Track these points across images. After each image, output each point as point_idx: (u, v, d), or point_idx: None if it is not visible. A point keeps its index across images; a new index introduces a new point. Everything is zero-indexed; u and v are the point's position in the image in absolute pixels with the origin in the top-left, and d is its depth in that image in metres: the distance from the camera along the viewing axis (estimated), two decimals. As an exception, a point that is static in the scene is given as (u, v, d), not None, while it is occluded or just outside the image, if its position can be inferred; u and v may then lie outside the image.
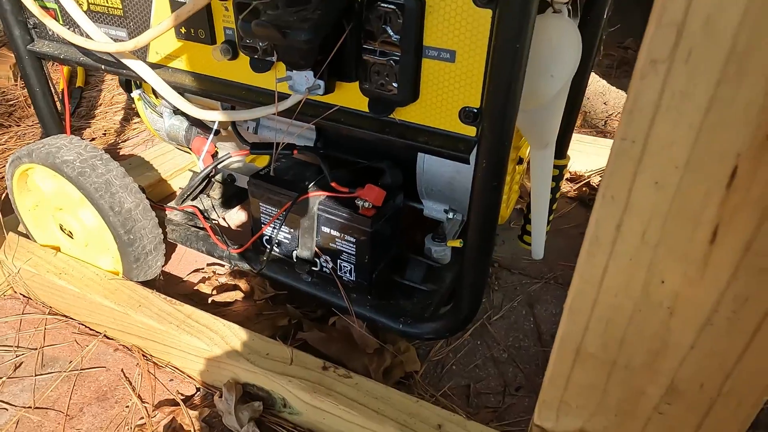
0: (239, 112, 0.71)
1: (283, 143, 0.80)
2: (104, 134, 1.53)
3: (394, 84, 0.58)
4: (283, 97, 0.65)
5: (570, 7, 0.83)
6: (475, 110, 0.57)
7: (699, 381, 0.34)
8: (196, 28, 0.68)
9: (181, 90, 0.74)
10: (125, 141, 1.48)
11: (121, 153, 1.41)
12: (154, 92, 0.94)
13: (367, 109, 0.63)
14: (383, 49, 0.57)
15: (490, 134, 0.55)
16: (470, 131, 0.59)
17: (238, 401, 0.71)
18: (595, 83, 1.86)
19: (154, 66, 0.75)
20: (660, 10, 0.26)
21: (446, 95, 0.58)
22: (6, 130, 1.52)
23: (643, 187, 0.30)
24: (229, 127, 0.91)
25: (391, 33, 0.56)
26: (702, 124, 0.27)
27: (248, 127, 0.88)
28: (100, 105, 1.69)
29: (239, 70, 0.69)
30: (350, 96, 0.63)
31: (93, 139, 1.50)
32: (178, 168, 1.22)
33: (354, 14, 0.57)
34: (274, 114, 0.65)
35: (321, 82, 0.60)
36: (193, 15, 0.62)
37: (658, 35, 0.27)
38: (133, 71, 0.74)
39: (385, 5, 0.54)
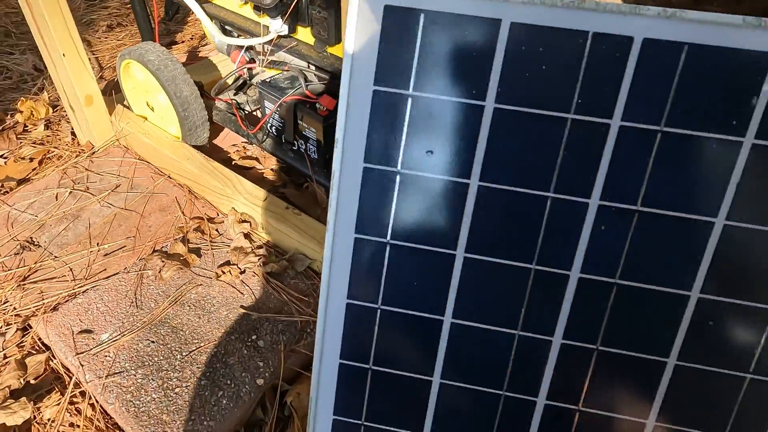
0: (244, 40, 1.10)
1: (285, 67, 1.19)
2: (191, 38, 1.98)
3: (326, 32, 0.94)
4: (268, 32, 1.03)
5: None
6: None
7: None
8: (224, -20, 1.06)
9: (217, 20, 1.14)
10: (204, 45, 1.92)
11: (199, 55, 1.87)
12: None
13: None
14: (320, 7, 0.93)
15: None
16: (368, 66, 0.94)
17: (234, 221, 1.16)
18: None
19: (201, 1, 1.15)
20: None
21: (356, 41, 0.93)
22: (124, 28, 2.02)
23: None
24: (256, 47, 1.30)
25: (323, -1, 0.91)
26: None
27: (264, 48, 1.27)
28: (193, 13, 2.13)
29: (248, 10, 1.08)
30: (305, 35, 1.00)
31: (183, 42, 1.96)
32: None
33: (303, -15, 0.92)
34: (260, 45, 1.03)
35: (286, 26, 0.98)
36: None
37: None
38: (188, 5, 1.14)
39: (318, -18, 0.89)
